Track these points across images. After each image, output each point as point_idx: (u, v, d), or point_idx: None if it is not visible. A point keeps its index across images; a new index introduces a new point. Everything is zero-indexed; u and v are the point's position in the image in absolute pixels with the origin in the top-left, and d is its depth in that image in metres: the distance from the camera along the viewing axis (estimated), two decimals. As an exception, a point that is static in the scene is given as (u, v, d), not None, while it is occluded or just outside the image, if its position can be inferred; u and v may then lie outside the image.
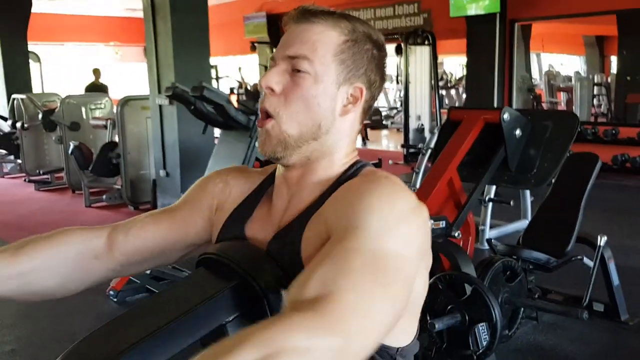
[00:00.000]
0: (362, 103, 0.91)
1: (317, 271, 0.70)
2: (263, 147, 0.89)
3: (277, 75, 0.87)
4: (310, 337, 0.61)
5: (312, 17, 0.87)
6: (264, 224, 0.93)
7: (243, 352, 0.57)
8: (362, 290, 0.68)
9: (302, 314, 0.64)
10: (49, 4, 11.27)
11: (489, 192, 4.57)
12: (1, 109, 9.76)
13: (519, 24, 8.74)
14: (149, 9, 5.34)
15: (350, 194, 0.82)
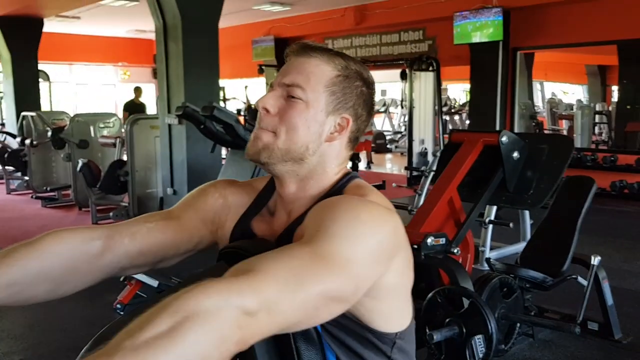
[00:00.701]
0: (347, 132, 1.01)
1: (259, 255, 0.77)
2: (249, 150, 0.99)
3: (273, 99, 0.98)
4: (222, 297, 0.66)
5: (311, 51, 0.99)
6: (267, 231, 1.03)
7: (158, 320, 0.62)
8: (292, 272, 0.74)
9: (224, 279, 0.70)
10: (60, 24, 11.51)
11: (489, 214, 4.67)
12: (11, 126, 9.94)
13: (522, 52, 8.92)
14: (161, 31, 5.51)
15: (323, 206, 0.91)
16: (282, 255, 0.77)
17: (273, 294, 0.71)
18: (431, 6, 9.02)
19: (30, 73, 10.12)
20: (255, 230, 1.05)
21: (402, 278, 0.94)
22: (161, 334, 0.61)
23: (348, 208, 0.87)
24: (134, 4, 9.34)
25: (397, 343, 0.97)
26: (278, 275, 0.73)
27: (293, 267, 0.75)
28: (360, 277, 0.83)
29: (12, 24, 9.43)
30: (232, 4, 8.45)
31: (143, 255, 1.05)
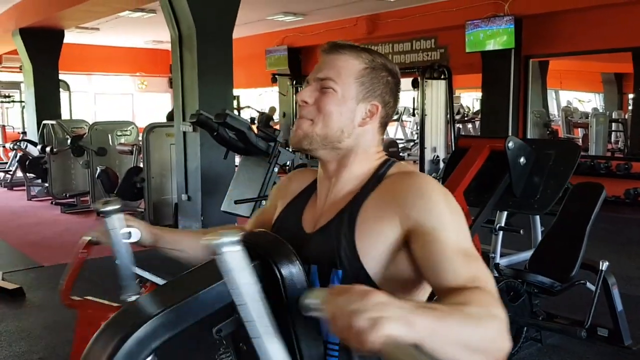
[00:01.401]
0: (378, 118, 1.13)
1: (454, 265, 0.95)
2: (293, 139, 1.13)
3: (309, 92, 1.11)
4: (499, 307, 0.87)
5: (340, 49, 1.11)
6: (312, 214, 1.15)
7: (472, 307, 0.83)
8: (485, 273, 0.96)
9: (484, 292, 0.90)
10: (79, 35, 11.75)
11: (499, 221, 4.68)
12: (32, 135, 10.16)
13: (534, 60, 8.93)
14: (177, 42, 5.63)
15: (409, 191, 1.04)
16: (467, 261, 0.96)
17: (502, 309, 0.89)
18: (443, 15, 9.08)
19: (51, 83, 10.34)
20: (306, 209, 1.17)
21: None
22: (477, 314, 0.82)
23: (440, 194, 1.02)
24: (152, 15, 9.52)
25: None
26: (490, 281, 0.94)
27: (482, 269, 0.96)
28: None
29: (34, 36, 9.67)
30: (246, 15, 8.59)
31: None
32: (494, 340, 0.82)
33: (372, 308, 0.73)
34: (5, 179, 10.58)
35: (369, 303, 0.73)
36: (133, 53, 14.78)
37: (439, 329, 0.76)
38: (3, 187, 10.38)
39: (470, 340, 0.80)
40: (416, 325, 0.73)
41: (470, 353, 0.80)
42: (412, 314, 0.75)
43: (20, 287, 4.47)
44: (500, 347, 0.83)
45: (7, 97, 12.26)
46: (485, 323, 0.82)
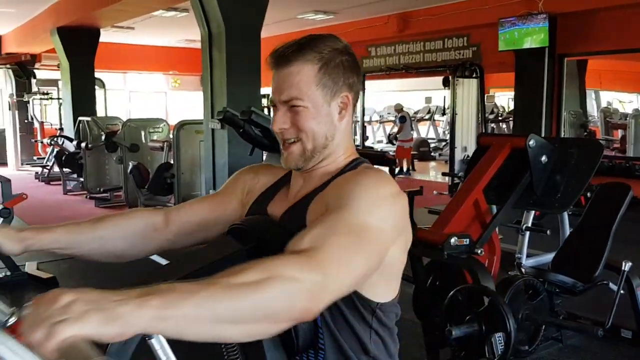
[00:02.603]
0: (351, 102, 1.15)
1: (311, 231, 0.93)
2: (287, 162, 1.14)
3: (282, 118, 1.11)
4: (299, 270, 0.82)
5: (286, 60, 1.09)
6: (281, 203, 1.17)
7: (248, 273, 0.79)
8: (343, 247, 0.90)
9: (295, 255, 0.87)
10: (115, 34, 12.03)
11: (526, 221, 4.63)
12: (68, 131, 10.45)
13: (569, 59, 8.76)
14: (206, 41, 5.73)
15: (345, 180, 1.06)
16: (333, 234, 0.91)
17: (333, 272, 0.86)
18: (476, 13, 8.98)
19: (87, 81, 10.62)
20: (271, 205, 1.19)
21: (399, 255, 1.07)
22: (249, 282, 0.77)
23: (370, 185, 1.01)
24: (184, 15, 9.69)
25: (377, 313, 1.07)
26: (335, 254, 0.88)
27: (344, 245, 0.90)
28: (384, 248, 0.99)
29: (71, 35, 9.94)
30: (276, 14, 8.67)
31: (189, 225, 1.25)
32: (276, 304, 0.79)
33: (55, 313, 0.68)
34: (43, 174, 10.92)
35: (53, 308, 0.68)
36: (166, 52, 15.04)
37: (172, 312, 0.72)
38: (40, 182, 10.73)
39: (231, 312, 0.76)
40: (125, 317, 0.69)
41: (239, 324, 0.78)
42: (119, 306, 0.69)
43: (54, 276, 4.63)
44: (291, 308, 0.80)
45: (46, 95, 12.62)
46: (261, 288, 0.77)
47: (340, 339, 1.07)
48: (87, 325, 0.67)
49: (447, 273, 2.85)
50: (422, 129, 17.25)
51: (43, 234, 1.16)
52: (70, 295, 0.70)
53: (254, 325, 0.79)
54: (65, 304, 0.68)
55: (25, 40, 11.96)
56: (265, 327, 0.81)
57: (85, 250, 1.21)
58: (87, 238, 1.20)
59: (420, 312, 2.86)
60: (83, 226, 1.21)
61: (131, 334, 0.70)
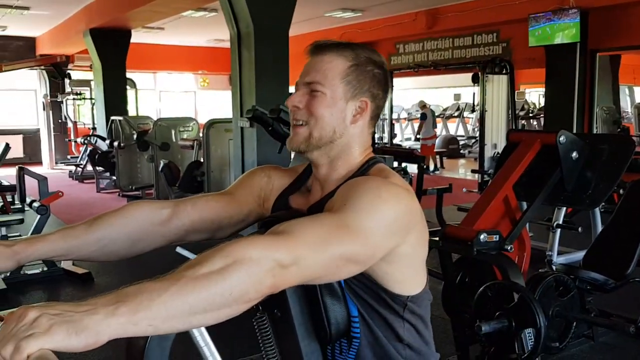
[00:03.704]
0: (368, 112, 1.17)
1: (293, 221, 0.94)
2: (291, 143, 1.17)
3: (299, 97, 1.15)
4: (265, 251, 0.85)
5: (323, 49, 1.15)
6: (301, 207, 1.21)
7: (213, 260, 0.81)
8: (318, 235, 0.92)
9: (265, 236, 0.89)
10: (145, 35, 12.23)
11: (557, 218, 4.59)
12: (101, 130, 10.69)
13: (601, 54, 8.61)
14: (236, 40, 5.81)
15: (349, 184, 1.08)
16: (313, 222, 0.95)
17: (303, 252, 0.88)
18: (505, 8, 8.88)
19: (119, 81, 10.84)
20: (292, 204, 1.23)
21: (416, 250, 1.09)
22: (215, 270, 0.80)
23: (371, 187, 1.03)
24: (213, 15, 9.81)
25: (409, 305, 1.10)
26: (308, 238, 0.90)
27: (321, 232, 0.93)
28: (377, 245, 0.99)
29: (103, 36, 10.16)
30: (304, 12, 8.71)
31: (202, 221, 1.25)
32: (241, 286, 0.81)
33: (23, 329, 0.70)
34: (77, 172, 11.18)
35: (20, 324, 0.70)
36: (195, 52, 15.24)
37: (142, 315, 0.74)
38: (74, 180, 10.99)
39: (201, 302, 0.78)
40: (93, 328, 0.71)
41: (211, 311, 0.80)
42: (86, 317, 0.71)
43: (89, 271, 4.76)
44: (256, 287, 0.83)
45: (79, 95, 12.92)
46: (225, 275, 0.79)
47: (374, 328, 1.11)
48: (53, 338, 0.69)
49: (476, 269, 2.85)
50: (451, 127, 17.12)
51: (37, 245, 1.12)
52: (36, 311, 0.71)
53: (226, 309, 0.81)
54: (31, 319, 0.70)
55: (58, 42, 12.25)
56: (237, 308, 0.83)
57: (85, 253, 1.18)
58: (85, 242, 1.16)
59: (449, 308, 2.87)
60: (78, 230, 1.17)
61: (102, 342, 0.73)
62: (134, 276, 0.82)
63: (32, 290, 4.49)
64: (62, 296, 4.37)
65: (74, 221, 1.22)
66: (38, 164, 13.03)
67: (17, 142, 13.35)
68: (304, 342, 1.11)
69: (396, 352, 1.12)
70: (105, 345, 0.74)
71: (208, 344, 1.07)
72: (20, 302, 4.14)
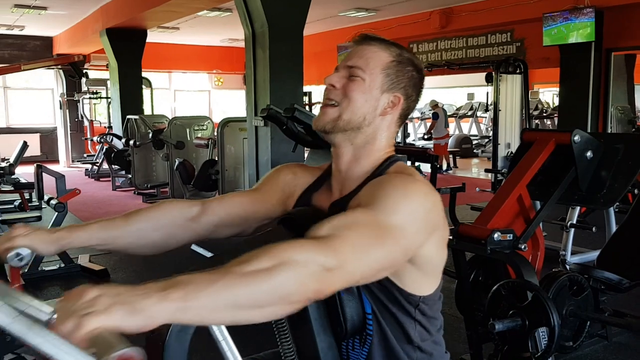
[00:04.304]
0: (399, 109, 1.20)
1: (333, 221, 0.96)
2: (317, 121, 1.19)
3: (337, 77, 1.18)
4: (311, 254, 0.87)
5: (371, 40, 1.20)
6: (324, 204, 1.23)
7: (261, 259, 0.84)
8: (361, 238, 0.94)
9: (310, 240, 0.91)
10: (161, 35, 12.33)
11: (571, 218, 4.57)
12: (117, 129, 10.79)
13: (616, 53, 8.54)
14: (250, 39, 5.85)
15: (378, 181, 1.10)
16: (353, 224, 0.96)
17: (348, 257, 0.90)
18: (519, 7, 8.84)
19: (135, 80, 10.93)
20: (314, 201, 1.26)
21: (437, 250, 1.10)
22: (262, 269, 0.82)
23: (399, 185, 1.05)
24: (228, 14, 9.87)
25: (421, 306, 1.12)
26: (351, 242, 0.92)
27: (362, 236, 0.94)
28: (409, 246, 1.02)
29: (119, 35, 10.26)
30: (318, 12, 8.74)
31: (229, 217, 1.29)
32: (287, 287, 0.83)
33: (83, 306, 0.73)
34: (93, 170, 11.31)
35: (81, 302, 0.74)
36: (210, 51, 15.32)
37: (192, 304, 0.77)
38: (90, 178, 11.11)
39: (248, 298, 0.81)
40: (148, 310, 0.74)
41: (256, 308, 0.83)
42: (142, 299, 0.75)
43: (105, 268, 4.83)
44: (301, 291, 0.85)
45: (95, 94, 13.06)
46: (272, 274, 0.81)
47: (385, 327, 1.12)
48: (112, 317, 0.73)
49: (490, 268, 2.86)
50: (464, 126, 17.05)
51: (78, 232, 1.20)
52: (96, 291, 0.75)
53: (270, 307, 0.84)
54: (92, 298, 0.74)
55: (75, 41, 12.38)
56: (281, 308, 0.85)
57: (121, 244, 1.24)
58: (122, 233, 1.23)
59: (462, 307, 2.88)
60: (117, 221, 1.24)
61: (155, 325, 0.76)
62: (150, 272, 0.86)
63: (50, 286, 4.56)
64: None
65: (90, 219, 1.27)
66: (55, 162, 13.18)
67: (35, 141, 13.53)
68: (319, 337, 1.12)
69: (405, 353, 1.14)
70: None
71: (226, 339, 1.10)
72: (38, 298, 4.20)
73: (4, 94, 14.22)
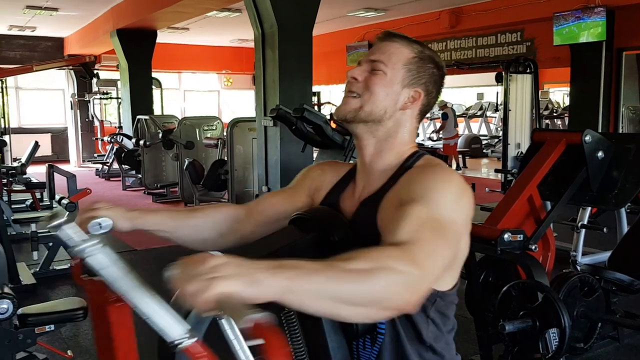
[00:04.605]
0: (419, 104, 1.22)
1: (405, 225, 0.99)
2: (339, 111, 1.22)
3: (360, 71, 1.20)
4: (401, 264, 0.89)
5: (393, 37, 1.22)
6: (351, 199, 1.25)
7: (359, 261, 0.87)
8: (432, 242, 0.97)
9: (397, 249, 0.94)
10: (170, 35, 12.38)
11: (582, 218, 4.54)
12: (127, 129, 10.85)
13: (628, 53, 8.48)
14: (260, 40, 5.86)
15: (417, 173, 1.13)
16: (420, 227, 0.98)
17: (427, 265, 0.94)
18: (529, 7, 8.80)
19: (145, 80, 10.99)
20: (342, 198, 1.27)
21: (465, 245, 1.13)
22: (362, 269, 0.85)
23: (439, 177, 1.09)
24: (237, 15, 9.89)
25: (437, 303, 1.12)
26: (426, 248, 0.95)
27: (433, 241, 0.97)
28: (461, 237, 1.07)
29: (129, 36, 10.31)
30: (327, 12, 8.74)
31: (266, 218, 1.34)
32: (385, 292, 0.86)
33: (208, 271, 0.77)
34: (103, 170, 11.38)
35: (205, 267, 0.77)
36: (219, 52, 15.36)
37: (299, 286, 0.80)
38: (101, 178, 11.18)
39: (348, 294, 0.83)
40: (264, 282, 0.78)
41: (353, 306, 0.86)
42: (259, 272, 0.78)
43: (116, 268, 4.85)
44: (396, 298, 0.87)
45: (105, 94, 13.14)
46: (372, 276, 0.84)
47: (398, 326, 1.12)
48: (236, 284, 0.76)
49: (500, 269, 2.85)
50: (474, 126, 16.99)
51: (149, 216, 1.29)
52: (220, 259, 0.79)
53: (364, 308, 0.87)
54: (216, 265, 0.78)
55: (86, 42, 12.47)
56: (374, 312, 0.88)
57: (180, 235, 1.32)
58: (184, 225, 1.33)
59: (473, 307, 2.87)
60: (182, 214, 1.35)
61: (267, 299, 0.78)
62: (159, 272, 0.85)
63: (61, 285, 4.59)
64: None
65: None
66: (65, 162, 13.27)
67: (46, 141, 13.63)
68: (330, 336, 1.12)
69: (417, 353, 1.13)
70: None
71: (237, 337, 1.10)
72: (50, 297, 4.24)
73: (16, 94, 14.33)
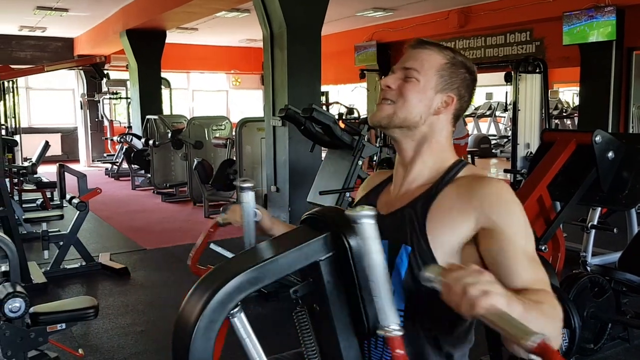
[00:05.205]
0: (452, 109, 1.25)
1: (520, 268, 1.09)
2: (373, 117, 1.26)
3: (393, 79, 1.24)
4: (560, 308, 1.03)
5: (426, 44, 1.25)
6: (387, 199, 1.30)
7: (544, 306, 0.98)
8: (545, 276, 1.12)
9: (548, 295, 1.05)
10: (179, 35, 12.43)
11: (592, 219, 4.52)
12: (136, 129, 10.91)
13: (638, 52, 8.42)
14: (268, 40, 5.87)
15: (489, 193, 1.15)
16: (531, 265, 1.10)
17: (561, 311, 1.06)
18: (539, 6, 8.76)
19: (154, 80, 11.04)
20: (379, 199, 1.33)
21: None
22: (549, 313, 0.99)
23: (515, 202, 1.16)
24: (246, 15, 9.92)
25: None
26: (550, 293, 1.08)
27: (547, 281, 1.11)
28: None
29: (139, 37, 10.37)
30: (335, 12, 8.74)
31: None
32: (552, 336, 0.95)
33: (484, 283, 0.86)
34: (112, 170, 11.44)
35: (482, 279, 0.87)
36: (228, 52, 15.40)
37: (524, 317, 0.88)
38: (110, 177, 11.24)
39: (549, 331, 0.93)
40: (511, 307, 0.87)
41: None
42: (510, 297, 0.89)
43: (126, 267, 4.89)
44: (556, 341, 1.00)
45: (115, 94, 13.20)
46: (551, 321, 0.97)
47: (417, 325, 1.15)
48: (502, 301, 0.86)
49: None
50: (483, 126, 16.93)
51: (280, 226, 1.44)
52: (491, 276, 0.89)
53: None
54: (492, 281, 0.88)
55: (96, 43, 12.54)
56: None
57: None
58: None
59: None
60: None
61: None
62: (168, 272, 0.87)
63: (72, 284, 4.63)
64: (100, 290, 4.49)
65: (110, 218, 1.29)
66: (75, 161, 13.35)
67: (56, 140, 13.71)
68: (342, 336, 1.13)
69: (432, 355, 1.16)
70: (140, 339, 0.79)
71: (250, 336, 1.11)
72: (60, 296, 4.28)
73: (26, 94, 14.43)
